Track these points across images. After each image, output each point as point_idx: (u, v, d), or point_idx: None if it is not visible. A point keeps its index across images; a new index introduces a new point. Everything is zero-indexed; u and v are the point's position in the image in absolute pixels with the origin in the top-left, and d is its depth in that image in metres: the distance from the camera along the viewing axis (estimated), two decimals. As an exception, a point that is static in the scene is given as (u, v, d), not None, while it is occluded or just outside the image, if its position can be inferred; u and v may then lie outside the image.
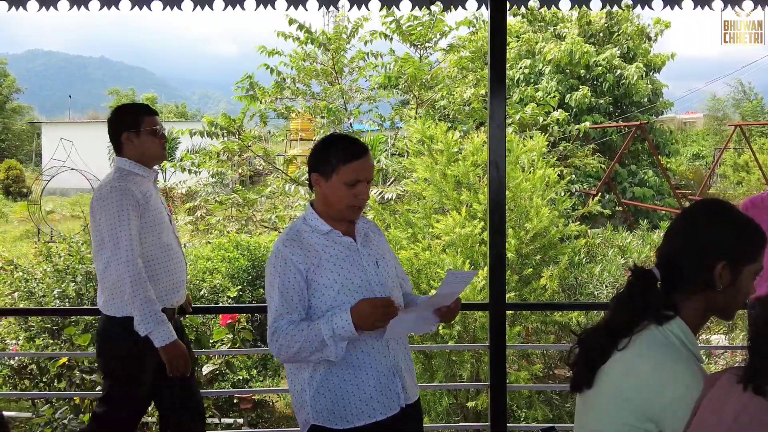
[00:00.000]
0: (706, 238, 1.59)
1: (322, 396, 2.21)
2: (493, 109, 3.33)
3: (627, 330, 1.59)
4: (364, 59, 10.11)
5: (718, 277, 1.56)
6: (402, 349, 2.35)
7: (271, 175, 10.61)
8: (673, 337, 1.56)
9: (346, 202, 2.23)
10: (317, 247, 2.23)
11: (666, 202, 16.69)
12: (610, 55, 16.67)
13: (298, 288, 2.18)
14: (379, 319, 2.12)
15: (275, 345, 2.16)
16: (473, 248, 6.45)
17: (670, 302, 1.60)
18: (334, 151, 2.22)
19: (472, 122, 10.31)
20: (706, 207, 1.69)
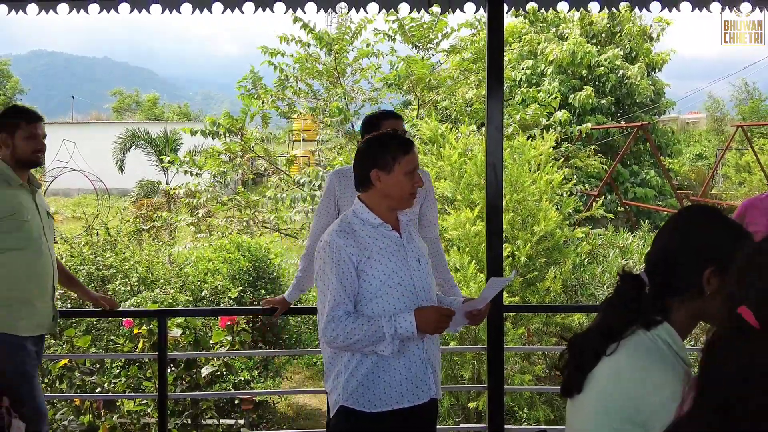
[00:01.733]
0: (693, 243, 1.59)
1: (355, 379, 2.36)
2: (491, 112, 3.34)
3: (616, 334, 1.60)
4: (367, 56, 10.11)
5: (706, 282, 1.56)
6: (434, 345, 2.51)
7: (273, 176, 10.63)
8: (661, 342, 1.57)
9: (408, 190, 2.42)
10: (368, 239, 2.39)
11: (668, 203, 16.67)
12: (612, 55, 16.65)
13: (351, 278, 2.35)
14: (441, 326, 2.35)
15: (331, 333, 2.32)
16: (479, 248, 6.47)
17: (658, 307, 1.61)
18: (392, 146, 2.41)
19: (474, 123, 10.31)
20: (694, 213, 1.69)
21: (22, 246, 3.03)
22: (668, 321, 1.59)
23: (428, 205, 3.32)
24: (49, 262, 3.14)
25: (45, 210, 3.21)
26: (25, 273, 3.05)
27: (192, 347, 4.80)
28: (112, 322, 6.08)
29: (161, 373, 3.54)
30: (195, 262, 8.16)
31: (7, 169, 3.09)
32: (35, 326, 3.10)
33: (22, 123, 3.09)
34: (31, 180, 3.21)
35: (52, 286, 3.17)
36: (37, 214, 3.13)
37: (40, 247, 3.09)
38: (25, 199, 3.10)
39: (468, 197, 7.00)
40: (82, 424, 4.48)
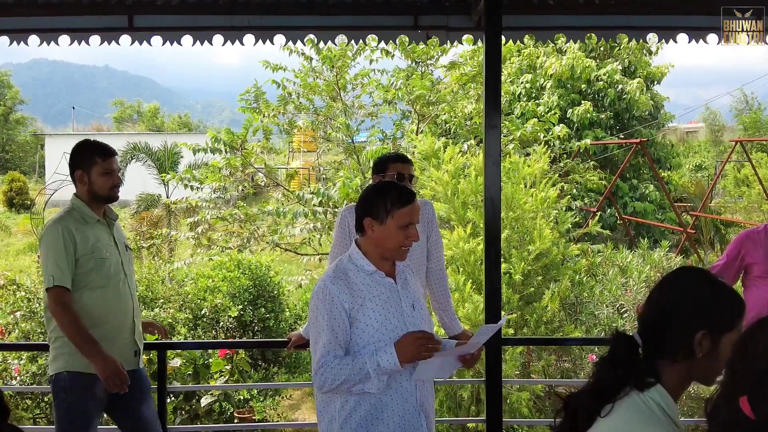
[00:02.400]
0: (685, 307, 1.62)
1: (349, 426, 2.35)
2: (489, 145, 3.38)
3: (610, 395, 1.63)
4: (368, 76, 10.18)
5: (698, 345, 1.59)
6: (428, 392, 2.50)
7: (273, 191, 10.68)
8: (654, 405, 1.59)
9: (400, 244, 2.40)
10: (361, 286, 2.39)
11: (667, 216, 16.69)
12: (611, 69, 16.71)
13: (343, 326, 2.34)
14: (420, 351, 2.31)
15: (320, 378, 2.32)
16: (475, 266, 6.50)
17: (651, 368, 1.64)
18: (388, 197, 2.38)
19: (473, 138, 10.36)
20: (685, 275, 1.72)
21: (101, 284, 3.04)
22: (661, 382, 1.62)
23: (434, 237, 3.37)
24: (128, 298, 3.15)
25: (123, 243, 3.21)
26: (104, 311, 3.05)
27: (191, 378, 4.81)
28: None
29: (161, 406, 3.56)
30: (195, 280, 8.18)
31: (83, 206, 3.12)
32: None
33: (97, 159, 3.09)
34: (107, 213, 3.20)
35: (132, 321, 3.16)
36: (115, 249, 3.14)
37: (118, 284, 3.10)
38: (102, 235, 3.12)
39: (463, 215, 7.03)
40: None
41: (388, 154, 3.40)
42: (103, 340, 2.99)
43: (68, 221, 3.05)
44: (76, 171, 3.11)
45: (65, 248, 2.97)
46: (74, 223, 3.05)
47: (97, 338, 2.96)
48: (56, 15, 3.69)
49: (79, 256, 3.00)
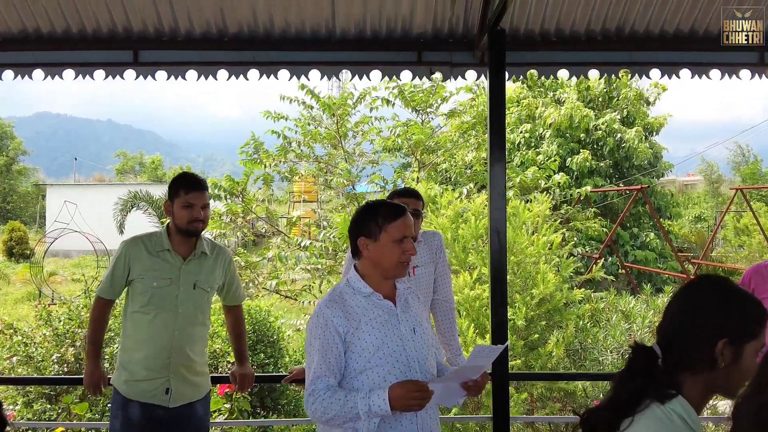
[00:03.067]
0: (706, 316, 1.57)
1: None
2: (494, 178, 3.36)
3: (629, 409, 1.56)
4: (369, 123, 10.26)
5: (719, 355, 1.53)
6: (431, 418, 2.38)
7: (274, 238, 10.63)
8: (675, 416, 1.52)
9: (397, 259, 2.32)
10: (358, 309, 2.31)
11: (669, 265, 16.63)
12: (609, 119, 16.89)
13: (336, 351, 2.25)
14: (413, 404, 2.18)
15: (311, 407, 2.25)
16: (479, 311, 6.42)
17: (671, 380, 1.57)
18: (379, 213, 2.34)
19: (474, 185, 10.38)
20: (705, 284, 1.66)
21: (146, 311, 3.10)
22: (682, 394, 1.56)
23: (441, 268, 3.32)
24: (170, 333, 3.10)
25: (193, 281, 3.17)
26: (141, 337, 3.10)
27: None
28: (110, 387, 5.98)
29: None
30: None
31: (160, 236, 3.19)
32: (139, 392, 3.10)
33: (180, 191, 3.13)
34: (197, 248, 3.20)
35: (168, 358, 3.10)
36: (177, 283, 3.12)
37: (165, 317, 3.10)
38: (165, 265, 3.13)
39: (464, 260, 6.98)
40: (75, 495, 4.35)
41: (396, 189, 3.38)
42: (134, 365, 3.10)
43: (133, 243, 3.19)
44: (166, 202, 3.21)
45: (116, 265, 3.15)
46: (140, 246, 3.17)
47: (132, 362, 3.10)
48: (61, 50, 3.71)
49: (132, 277, 3.13)
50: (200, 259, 3.21)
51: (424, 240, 3.34)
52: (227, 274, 3.33)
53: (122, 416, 3.12)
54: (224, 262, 3.31)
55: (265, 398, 7.39)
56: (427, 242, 3.34)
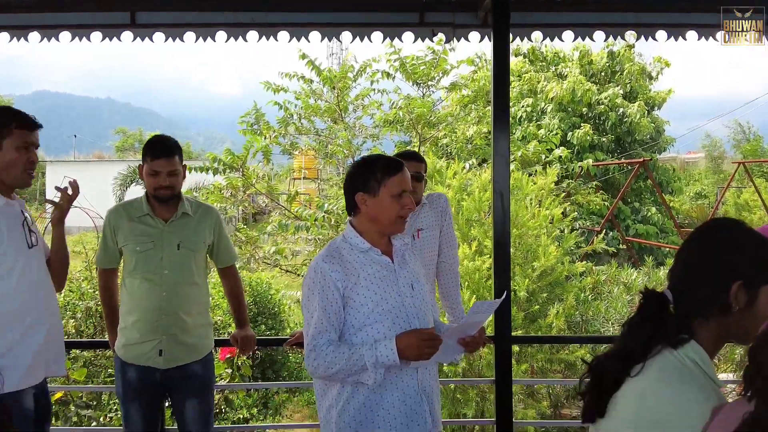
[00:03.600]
0: (719, 257, 1.52)
1: (348, 414, 2.24)
2: (497, 141, 3.31)
3: (640, 355, 1.52)
4: (369, 96, 10.17)
5: (733, 298, 1.49)
6: (430, 376, 2.37)
7: (274, 213, 10.59)
8: (689, 362, 1.49)
9: (396, 214, 2.30)
10: (356, 265, 2.28)
11: (670, 240, 16.62)
12: (612, 93, 16.78)
13: (336, 306, 2.23)
14: (424, 352, 2.18)
15: (312, 363, 2.22)
16: (480, 283, 6.41)
17: (684, 325, 1.53)
18: (377, 168, 2.31)
19: (475, 159, 10.33)
20: (719, 226, 1.62)
21: (134, 275, 3.12)
22: (695, 339, 1.52)
23: (446, 230, 3.28)
24: (158, 295, 3.10)
25: (176, 242, 3.16)
26: (132, 302, 3.13)
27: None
28: (110, 359, 5.98)
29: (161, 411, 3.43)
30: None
31: (141, 201, 3.21)
32: (135, 356, 3.12)
33: (147, 158, 3.14)
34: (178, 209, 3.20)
35: (158, 320, 3.10)
36: (161, 246, 3.13)
37: (149, 278, 3.10)
38: (148, 230, 3.15)
39: (467, 233, 6.96)
40: (77, 459, 4.36)
41: (398, 152, 3.33)
42: (129, 329, 3.13)
43: (115, 211, 3.23)
44: (139, 166, 3.23)
45: (104, 234, 3.21)
46: (121, 213, 3.20)
47: (127, 326, 3.13)
48: (58, 11, 3.65)
49: (120, 245, 3.17)
50: (182, 220, 3.19)
51: (429, 203, 3.28)
52: (216, 232, 3.30)
53: (121, 379, 3.15)
54: (211, 221, 3.28)
55: (266, 369, 7.42)
56: (432, 205, 3.28)
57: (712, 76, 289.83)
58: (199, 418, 3.21)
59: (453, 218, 6.91)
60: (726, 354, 6.79)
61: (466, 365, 6.14)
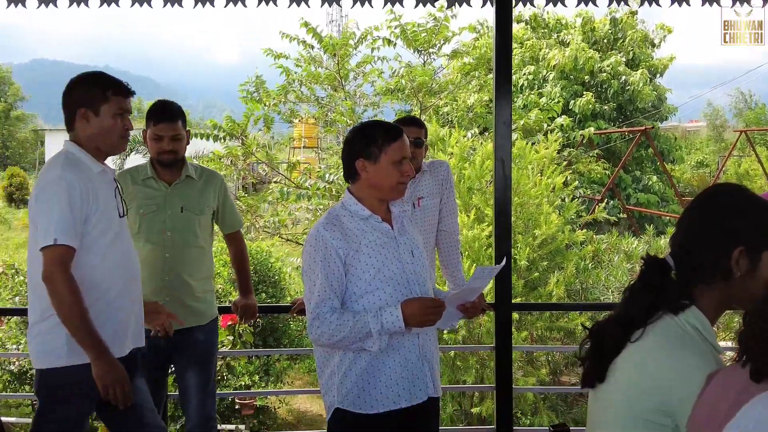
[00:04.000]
0: (721, 223, 1.52)
1: (349, 380, 2.25)
2: (499, 107, 3.28)
3: (641, 321, 1.52)
4: (371, 63, 10.08)
5: (735, 264, 1.48)
6: (430, 341, 2.38)
7: (274, 181, 10.56)
8: (689, 327, 1.49)
9: (396, 180, 2.29)
10: (356, 232, 2.28)
11: (670, 209, 16.61)
12: (615, 61, 16.63)
13: (338, 273, 2.23)
14: (430, 319, 2.19)
15: (316, 331, 2.21)
16: (480, 251, 6.42)
17: (685, 292, 1.53)
18: (378, 134, 2.29)
19: (476, 127, 10.27)
20: (721, 191, 1.61)
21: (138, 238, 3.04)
22: (696, 305, 1.52)
23: (446, 198, 3.25)
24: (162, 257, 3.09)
25: (180, 205, 3.15)
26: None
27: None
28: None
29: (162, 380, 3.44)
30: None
31: (145, 165, 3.20)
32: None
33: (150, 122, 3.15)
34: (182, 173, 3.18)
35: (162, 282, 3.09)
36: (164, 208, 3.13)
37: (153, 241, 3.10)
38: (151, 192, 3.15)
39: (468, 201, 6.95)
40: (81, 425, 4.39)
41: (399, 118, 3.29)
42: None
43: (120, 176, 3.05)
44: (144, 131, 3.22)
45: None
46: (126, 177, 3.15)
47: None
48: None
49: None
50: (186, 183, 3.19)
51: (430, 170, 3.24)
52: (219, 197, 3.29)
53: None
54: (216, 185, 3.28)
55: (267, 337, 7.47)
56: (433, 173, 3.23)
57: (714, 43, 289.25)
58: (201, 386, 3.22)
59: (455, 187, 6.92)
60: (725, 322, 6.82)
61: (466, 333, 6.18)
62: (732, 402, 1.23)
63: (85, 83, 2.61)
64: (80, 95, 2.57)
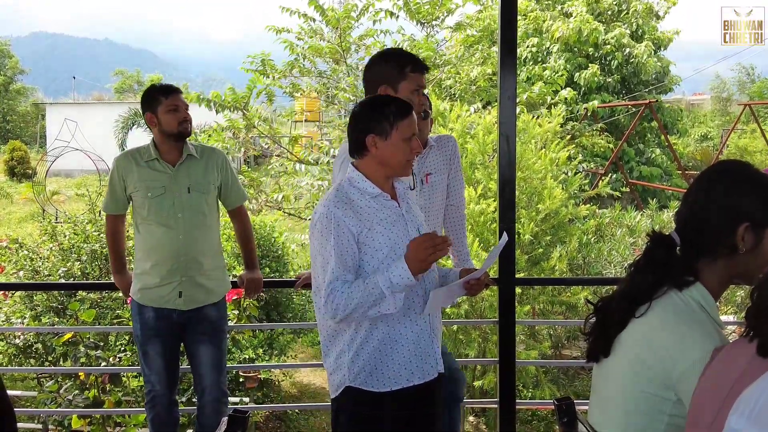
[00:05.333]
0: (727, 199, 1.53)
1: (361, 358, 2.24)
2: (504, 81, 3.24)
3: (645, 296, 1.54)
4: (374, 36, 10.00)
5: (740, 239, 1.50)
6: (437, 319, 2.40)
7: (277, 155, 10.54)
8: (693, 303, 1.51)
9: (406, 157, 2.26)
10: (367, 210, 2.25)
11: (673, 182, 16.59)
12: (619, 33, 16.48)
13: (351, 250, 2.20)
14: (429, 254, 2.13)
15: (332, 306, 2.17)
16: (484, 226, 6.42)
17: (690, 267, 1.55)
18: (389, 110, 2.24)
19: (479, 101, 10.21)
20: (726, 168, 1.61)
21: (149, 221, 3.18)
22: (701, 281, 1.53)
23: (455, 172, 3.21)
24: (176, 238, 3.16)
25: (186, 185, 3.20)
26: (148, 247, 3.20)
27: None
28: (117, 300, 6.04)
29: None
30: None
31: (148, 147, 3.24)
32: (154, 298, 3.19)
33: (160, 98, 3.18)
34: (183, 152, 3.23)
35: (177, 263, 3.16)
36: (171, 190, 3.18)
37: (164, 223, 3.15)
38: (156, 174, 3.19)
39: (471, 176, 6.93)
40: (87, 398, 4.44)
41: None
42: (146, 274, 3.19)
43: (123, 158, 3.26)
44: (147, 114, 3.23)
45: (111, 181, 3.26)
46: (129, 160, 3.23)
47: (144, 272, 3.19)
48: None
49: (130, 192, 3.22)
50: (189, 162, 3.22)
51: (438, 145, 3.14)
52: (222, 173, 3.32)
53: (140, 320, 3.23)
54: (218, 162, 3.30)
55: (271, 312, 7.50)
56: (440, 147, 3.14)
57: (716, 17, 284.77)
58: (212, 361, 3.28)
59: (460, 161, 6.90)
60: (727, 296, 6.85)
61: (469, 307, 6.20)
62: (738, 376, 1.24)
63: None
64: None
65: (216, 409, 3.30)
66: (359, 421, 2.29)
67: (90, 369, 4.50)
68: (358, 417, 2.29)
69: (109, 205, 3.30)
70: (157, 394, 3.27)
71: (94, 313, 4.72)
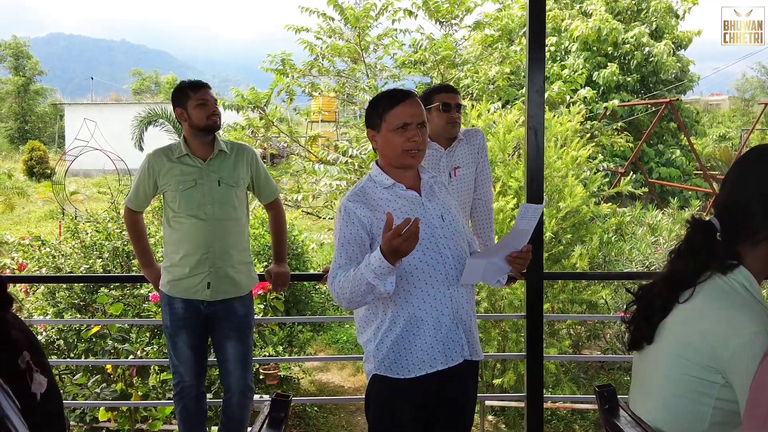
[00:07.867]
0: (766, 183, 1.52)
1: (385, 346, 2.29)
2: (532, 75, 3.24)
3: (689, 282, 1.53)
4: (392, 36, 10.01)
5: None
6: (466, 304, 2.37)
7: (295, 154, 10.57)
8: (738, 286, 1.51)
9: (401, 148, 2.27)
10: (381, 202, 2.29)
11: (693, 183, 16.46)
12: (638, 32, 16.38)
13: (360, 241, 2.24)
14: (400, 243, 1.99)
15: (334, 294, 2.26)
16: (504, 223, 6.40)
17: (732, 251, 1.54)
18: (379, 103, 2.30)
19: (497, 100, 10.18)
20: (763, 152, 1.61)
21: (179, 214, 3.24)
22: (743, 265, 1.52)
23: (482, 165, 3.26)
24: (205, 230, 3.22)
25: (216, 179, 3.26)
26: (177, 239, 3.26)
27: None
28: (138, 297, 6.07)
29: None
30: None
31: (179, 144, 3.31)
32: (182, 289, 3.26)
33: (189, 93, 3.26)
34: (215, 147, 3.29)
35: (206, 254, 3.22)
36: (202, 183, 3.24)
37: (194, 215, 3.21)
38: (188, 169, 3.25)
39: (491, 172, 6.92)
40: (114, 391, 4.47)
41: (434, 86, 3.29)
42: (176, 266, 3.26)
43: (155, 155, 3.34)
44: (177, 110, 3.30)
45: (141, 177, 3.32)
46: (161, 156, 3.30)
47: (174, 264, 3.26)
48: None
49: (161, 187, 3.29)
50: (220, 157, 3.29)
51: (466, 138, 3.25)
52: (253, 168, 3.37)
53: (169, 311, 3.30)
54: (248, 158, 3.36)
55: (290, 309, 7.53)
56: (468, 141, 3.24)
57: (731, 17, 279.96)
58: (240, 356, 3.32)
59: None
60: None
61: (488, 305, 6.18)
62: None
63: None
64: None
65: (242, 403, 3.36)
66: (385, 407, 2.34)
67: (120, 361, 4.53)
68: (384, 403, 2.34)
69: (132, 199, 3.39)
70: (186, 385, 3.33)
71: (120, 307, 4.77)
